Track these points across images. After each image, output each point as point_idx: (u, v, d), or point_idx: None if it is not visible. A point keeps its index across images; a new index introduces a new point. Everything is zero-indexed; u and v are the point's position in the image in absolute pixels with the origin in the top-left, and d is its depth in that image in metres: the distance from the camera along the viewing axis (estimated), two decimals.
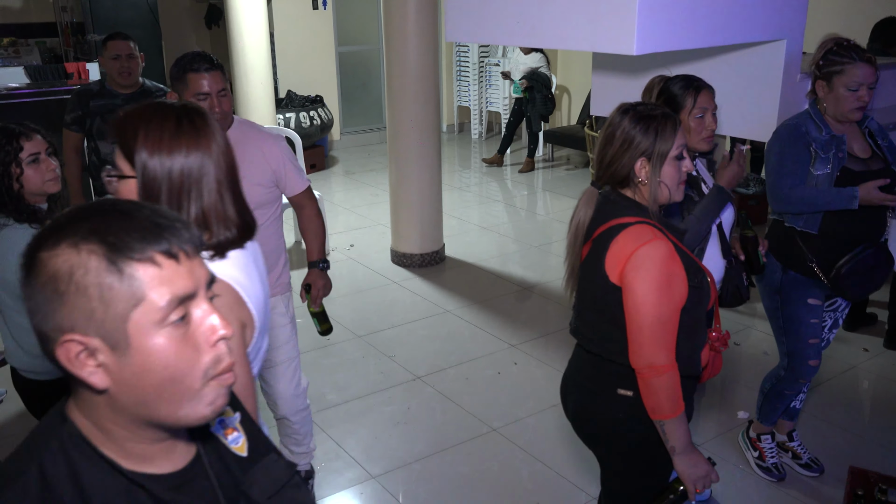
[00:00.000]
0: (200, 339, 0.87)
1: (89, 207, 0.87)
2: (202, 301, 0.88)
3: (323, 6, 8.70)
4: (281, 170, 2.68)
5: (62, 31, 8.11)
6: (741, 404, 3.56)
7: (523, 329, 4.41)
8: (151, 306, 0.83)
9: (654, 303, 1.78)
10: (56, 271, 0.82)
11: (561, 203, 7.08)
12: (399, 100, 5.21)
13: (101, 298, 0.82)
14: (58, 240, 0.83)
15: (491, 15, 3.01)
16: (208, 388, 0.88)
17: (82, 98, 3.79)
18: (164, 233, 0.85)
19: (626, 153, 1.87)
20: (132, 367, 0.84)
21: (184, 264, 0.86)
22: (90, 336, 0.83)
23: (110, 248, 0.82)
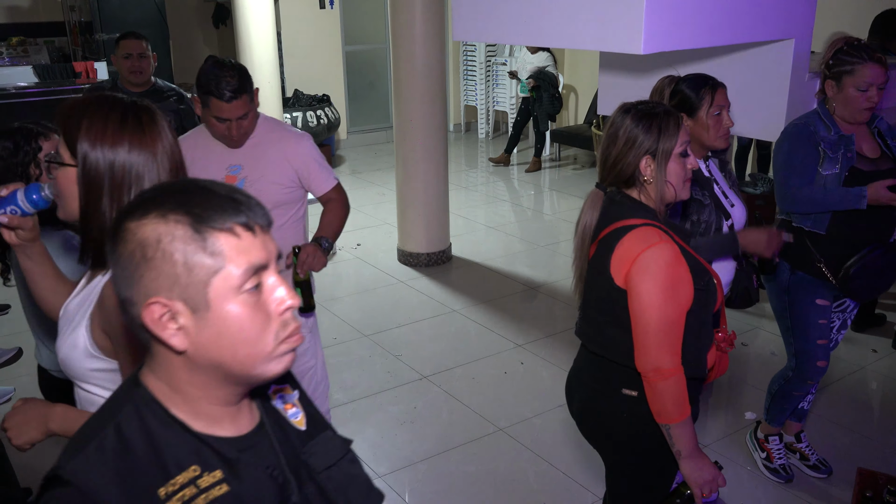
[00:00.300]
0: (271, 306, 0.94)
1: (173, 184, 0.95)
2: (273, 272, 0.95)
3: (330, 5, 8.70)
4: (304, 169, 2.63)
5: (70, 31, 8.13)
6: (748, 405, 3.55)
7: (530, 329, 4.40)
8: (230, 273, 0.90)
9: (660, 306, 1.77)
10: (145, 239, 0.90)
11: (568, 202, 7.07)
12: (406, 99, 5.20)
13: (185, 264, 0.89)
14: (146, 210, 0.91)
15: (498, 14, 3.01)
16: (279, 350, 0.95)
17: None
18: (242, 207, 0.92)
19: (630, 152, 1.86)
20: (210, 330, 0.91)
21: (259, 237, 0.93)
22: (174, 300, 0.90)
23: (195, 219, 0.89)
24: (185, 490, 0.92)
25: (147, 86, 3.85)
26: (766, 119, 3.09)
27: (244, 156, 2.60)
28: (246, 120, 2.48)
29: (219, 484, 0.94)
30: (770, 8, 2.87)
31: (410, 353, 4.13)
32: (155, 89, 3.88)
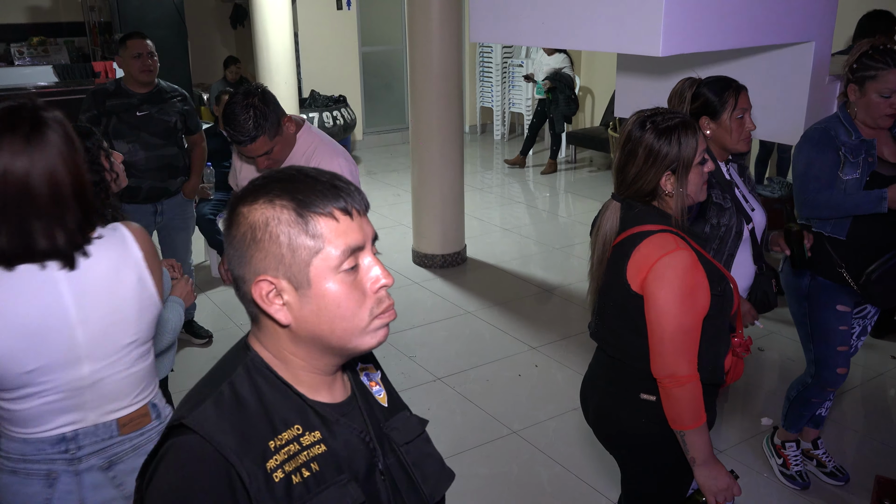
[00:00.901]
0: (367, 284, 1.02)
1: (281, 172, 1.03)
2: (369, 253, 1.03)
3: (347, 6, 8.73)
4: None
5: (90, 31, 8.21)
6: (765, 411, 3.52)
7: (544, 331, 4.39)
8: (329, 254, 0.98)
9: (677, 313, 1.76)
10: (255, 222, 0.99)
11: (583, 205, 7.04)
12: (422, 100, 5.21)
13: (289, 246, 0.98)
14: (256, 196, 1.00)
15: (515, 16, 3.00)
16: (373, 324, 1.03)
17: (98, 98, 3.77)
18: (342, 193, 1.00)
19: (651, 169, 1.84)
20: (311, 306, 1.00)
21: (356, 220, 1.01)
22: (279, 278, 0.99)
23: (299, 204, 0.98)
24: (290, 446, 1.01)
25: (152, 86, 3.83)
26: (785, 122, 3.07)
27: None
28: (270, 155, 2.53)
29: (318, 443, 1.03)
30: (790, 10, 2.85)
31: (425, 355, 4.12)
32: (159, 90, 3.87)
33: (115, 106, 3.75)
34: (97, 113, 3.73)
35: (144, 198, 3.82)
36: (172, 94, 3.92)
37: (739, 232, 2.38)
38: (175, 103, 3.90)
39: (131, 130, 3.74)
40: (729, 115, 2.32)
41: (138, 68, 3.73)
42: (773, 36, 2.84)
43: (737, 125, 2.33)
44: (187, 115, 3.97)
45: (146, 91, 3.81)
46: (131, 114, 3.75)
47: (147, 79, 3.77)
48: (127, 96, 3.78)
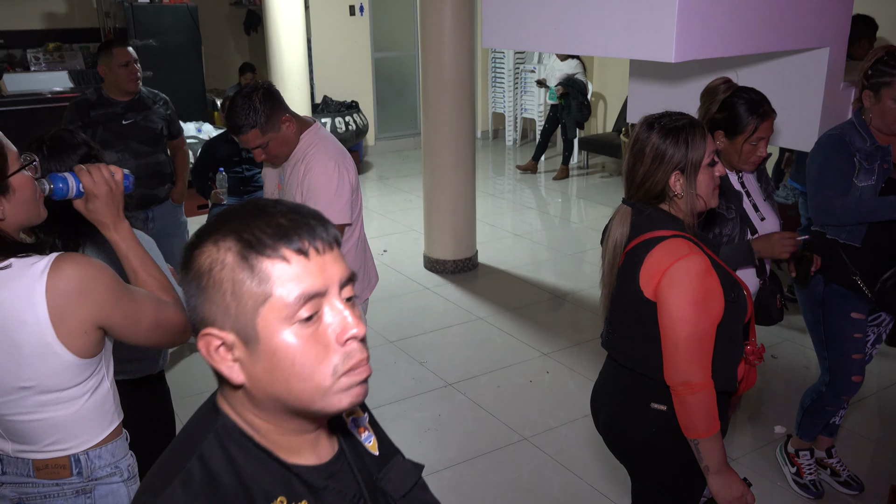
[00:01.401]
0: (330, 337, 0.87)
1: (237, 207, 0.91)
2: (333, 298, 0.88)
3: (360, 13, 8.76)
4: (305, 192, 2.61)
5: (105, 37, 8.26)
6: (778, 418, 3.49)
7: (556, 337, 4.37)
8: (279, 303, 0.85)
9: (690, 319, 1.74)
10: (200, 267, 0.87)
11: (595, 211, 7.03)
12: (434, 106, 5.21)
13: (234, 294, 0.86)
14: (204, 237, 0.89)
15: (528, 21, 3.00)
16: (340, 384, 0.88)
17: (81, 108, 3.72)
18: (298, 229, 0.87)
19: (658, 169, 1.83)
20: (262, 363, 0.87)
21: (315, 261, 0.87)
22: (226, 331, 0.87)
23: (244, 245, 0.86)
24: None
25: (134, 94, 3.78)
26: (799, 129, 3.05)
27: (286, 168, 2.74)
28: (268, 148, 2.59)
29: None
30: (804, 16, 2.83)
31: (436, 360, 4.12)
32: (141, 97, 3.82)
33: (100, 116, 3.70)
34: (82, 125, 3.67)
35: (135, 206, 3.82)
36: (155, 100, 3.90)
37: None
38: (158, 109, 3.88)
39: (119, 140, 3.70)
40: (744, 139, 2.31)
41: (126, 77, 3.68)
42: (786, 42, 2.83)
43: (749, 150, 2.32)
44: (170, 120, 3.96)
45: (129, 99, 3.77)
46: (117, 123, 3.72)
47: (135, 87, 3.73)
48: (111, 105, 3.73)
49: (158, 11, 7.39)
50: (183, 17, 7.47)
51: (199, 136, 6.89)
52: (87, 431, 1.56)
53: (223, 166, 4.78)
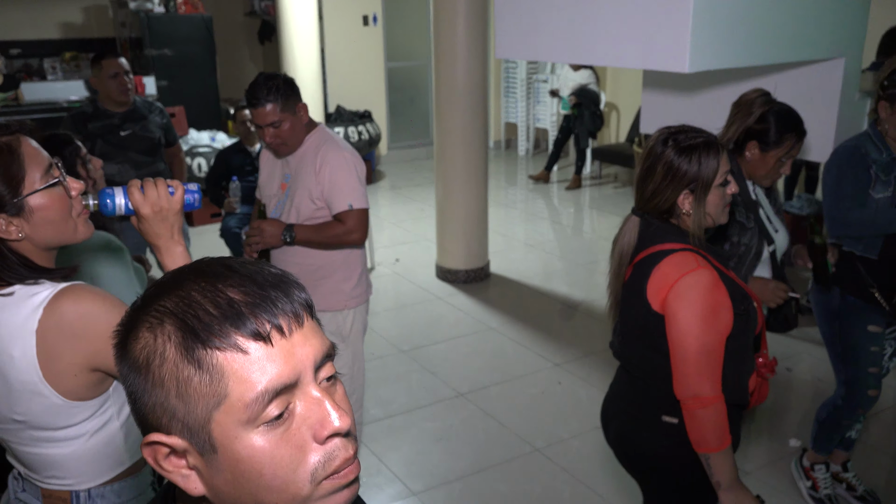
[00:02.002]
0: (306, 435, 0.71)
1: (179, 275, 0.72)
2: (309, 388, 0.71)
3: (373, 22, 8.80)
4: (326, 183, 2.62)
5: (121, 47, 8.34)
6: (793, 432, 3.46)
7: (568, 348, 4.36)
8: (237, 404, 0.68)
9: (699, 333, 1.73)
10: (136, 359, 0.70)
11: (608, 221, 7.01)
12: (447, 115, 5.22)
13: (178, 395, 0.68)
14: (139, 319, 0.71)
15: (541, 32, 3.00)
16: (321, 490, 0.72)
17: (78, 121, 3.74)
18: (254, 307, 0.69)
19: (669, 187, 1.82)
20: (223, 475, 0.70)
21: (279, 346, 0.69)
22: (174, 436, 0.70)
23: (187, 334, 0.68)
24: None
25: (129, 104, 3.80)
26: (814, 140, 3.02)
27: (294, 166, 2.72)
28: (280, 129, 2.58)
29: None
30: (819, 26, 2.82)
31: (447, 370, 4.11)
32: (136, 107, 3.84)
33: (98, 128, 3.72)
34: (80, 137, 3.70)
35: None
36: (150, 109, 3.91)
37: (759, 253, 2.35)
38: (155, 117, 3.90)
39: (118, 151, 3.72)
40: (778, 154, 2.30)
41: (116, 88, 3.70)
42: (801, 52, 2.81)
43: (774, 168, 2.32)
44: (167, 128, 3.98)
45: (124, 110, 3.79)
46: (115, 135, 3.73)
47: (125, 98, 3.75)
48: (107, 117, 3.75)
49: (174, 21, 7.46)
50: (198, 26, 7.52)
51: (213, 145, 6.93)
52: (89, 471, 1.45)
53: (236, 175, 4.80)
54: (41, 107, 7.11)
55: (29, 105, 7.13)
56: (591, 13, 2.76)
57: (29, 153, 1.32)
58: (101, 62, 3.71)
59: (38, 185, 1.31)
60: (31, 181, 1.31)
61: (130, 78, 3.76)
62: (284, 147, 2.65)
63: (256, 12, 9.07)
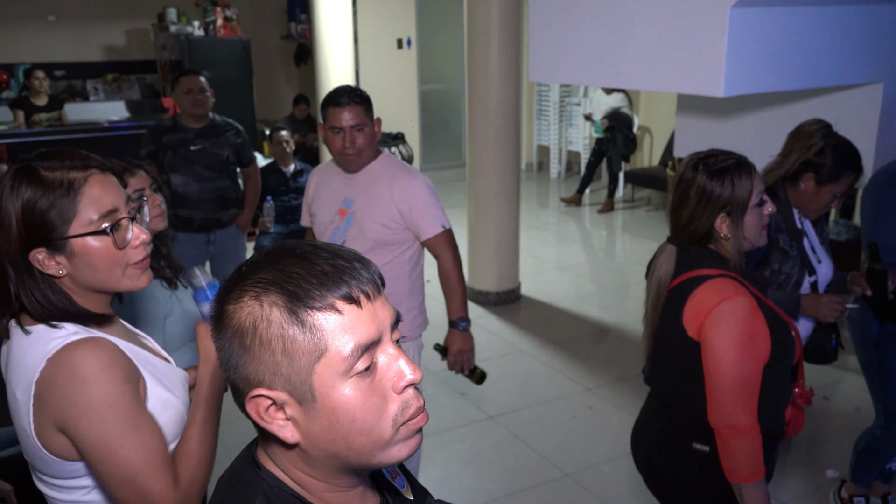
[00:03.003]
0: (387, 386, 0.83)
1: (271, 254, 0.84)
2: (387, 346, 0.84)
3: (407, 46, 8.89)
4: (409, 210, 2.56)
5: (161, 68, 8.54)
6: (830, 462, 3.38)
7: (599, 372, 4.31)
8: (336, 357, 0.80)
9: (735, 361, 1.70)
10: (241, 324, 0.81)
11: (641, 245, 6.95)
12: (479, 138, 5.25)
13: (284, 352, 0.80)
14: (242, 290, 0.82)
15: (575, 55, 3.01)
16: (399, 434, 0.84)
17: (155, 133, 3.94)
18: (344, 276, 0.81)
19: (704, 211, 1.81)
20: (320, 422, 0.82)
21: (366, 309, 0.82)
22: (277, 390, 0.81)
23: (291, 299, 0.79)
24: None
25: (206, 121, 3.97)
26: None
27: (358, 191, 2.61)
28: (361, 134, 2.51)
29: None
30: (857, 50, 2.79)
31: (477, 392, 4.09)
32: (214, 125, 4.00)
33: (171, 141, 3.90)
34: (154, 148, 3.91)
35: (197, 228, 3.99)
36: (226, 129, 4.06)
37: (799, 282, 2.31)
38: (228, 137, 4.04)
39: (185, 164, 3.90)
40: (834, 190, 2.28)
41: (189, 103, 3.88)
42: (839, 77, 2.78)
43: (826, 201, 2.29)
44: (240, 148, 4.10)
45: (201, 126, 3.95)
46: (185, 148, 3.90)
47: (198, 112, 3.90)
48: (183, 131, 3.93)
49: (213, 44, 7.61)
50: (236, 49, 7.67)
51: None
52: None
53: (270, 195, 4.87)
54: (83, 126, 7.30)
55: (72, 125, 7.32)
56: (625, 36, 2.77)
57: (91, 193, 1.26)
58: (180, 79, 3.92)
59: (89, 228, 1.26)
60: (82, 222, 1.25)
61: (208, 96, 3.93)
62: (358, 158, 2.55)
63: (293, 35, 9.23)
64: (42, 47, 8.28)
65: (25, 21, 8.22)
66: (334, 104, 2.50)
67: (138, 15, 8.65)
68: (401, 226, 2.59)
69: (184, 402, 1.40)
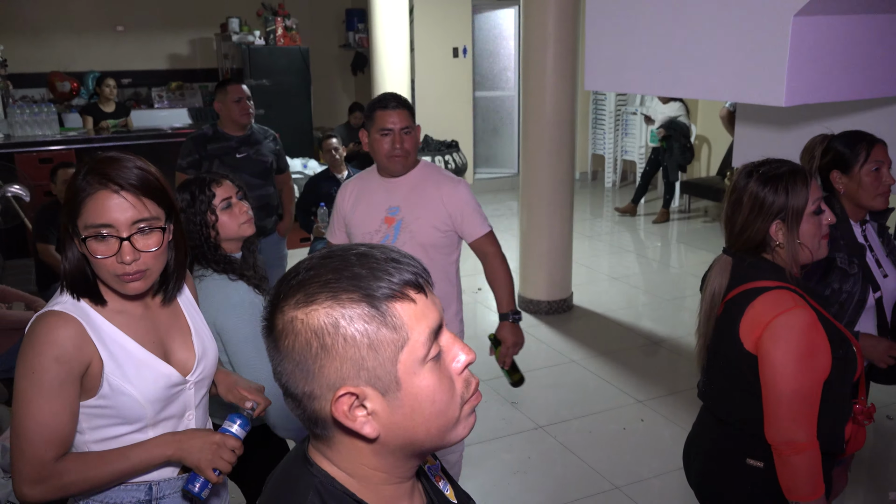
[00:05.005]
0: (450, 368, 0.88)
1: (328, 257, 0.86)
2: (444, 330, 0.89)
3: (463, 54, 8.94)
4: (458, 213, 2.65)
5: (223, 77, 8.75)
6: (893, 484, 3.26)
7: (651, 385, 4.25)
8: (416, 344, 0.84)
9: (794, 375, 1.67)
10: (319, 326, 0.82)
11: (696, 256, 6.83)
12: (534, 146, 5.24)
13: (370, 346, 0.82)
14: (310, 294, 0.83)
15: (632, 64, 2.98)
16: (464, 412, 0.90)
17: (198, 142, 3.96)
18: (407, 268, 0.86)
19: (758, 218, 1.78)
20: (403, 410, 0.85)
21: (429, 296, 0.87)
22: (361, 385, 0.83)
23: (367, 293, 0.82)
24: None
25: (247, 129, 4.00)
26: None
27: (402, 197, 2.65)
28: (409, 136, 2.59)
29: None
30: None
31: (526, 402, 4.07)
32: (253, 132, 4.04)
33: (216, 150, 3.93)
34: (198, 157, 3.92)
35: None
36: (265, 136, 4.11)
37: (863, 300, 2.24)
38: (269, 143, 4.09)
39: (233, 172, 3.90)
40: (860, 167, 2.22)
41: (239, 111, 3.90)
42: None
43: (871, 179, 2.22)
44: (279, 155, 4.16)
45: (242, 134, 3.98)
46: (231, 156, 3.93)
47: (246, 121, 3.95)
48: (225, 139, 3.95)
49: (273, 53, 7.78)
50: (295, 58, 7.82)
51: (305, 172, 7.15)
52: None
53: (324, 202, 4.94)
54: (148, 133, 7.53)
55: (137, 131, 7.56)
56: (683, 44, 2.73)
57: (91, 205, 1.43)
58: (227, 87, 3.95)
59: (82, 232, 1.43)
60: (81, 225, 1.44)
61: (251, 104, 3.98)
62: (405, 160, 2.61)
63: (350, 45, 9.37)
64: (110, 56, 8.58)
65: (95, 31, 8.53)
66: (382, 107, 2.57)
67: (202, 25, 8.89)
68: (450, 228, 2.66)
69: (144, 395, 1.52)
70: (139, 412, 1.53)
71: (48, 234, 4.47)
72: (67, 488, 1.47)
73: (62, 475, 1.45)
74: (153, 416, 1.55)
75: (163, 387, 1.55)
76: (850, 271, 2.22)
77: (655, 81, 2.90)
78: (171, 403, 1.58)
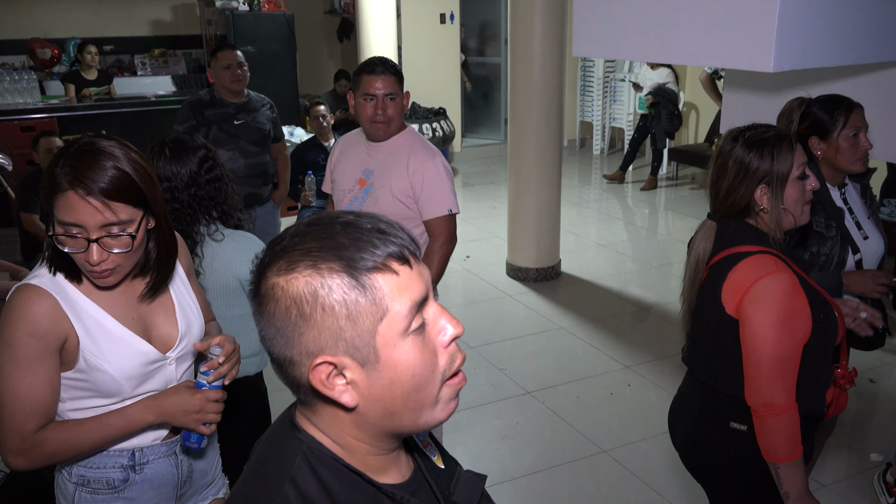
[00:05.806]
0: (435, 341, 0.87)
1: (313, 224, 0.86)
2: (431, 303, 0.88)
3: (450, 20, 8.84)
4: (419, 186, 2.58)
5: (206, 43, 8.62)
6: (875, 446, 3.32)
7: (639, 350, 4.29)
8: (396, 317, 0.83)
9: (774, 339, 1.68)
10: (299, 294, 0.82)
11: (684, 223, 6.86)
12: (522, 114, 5.21)
13: (348, 316, 0.82)
14: (292, 261, 0.83)
15: (620, 30, 2.96)
16: (444, 392, 0.88)
17: (195, 108, 3.91)
18: (392, 238, 0.84)
19: (742, 182, 1.78)
20: (381, 381, 0.84)
21: (415, 268, 0.85)
22: (339, 355, 0.83)
23: (348, 263, 0.81)
24: None
25: (243, 96, 3.97)
26: None
27: (378, 162, 2.66)
28: (393, 103, 2.58)
29: None
30: None
31: (515, 368, 4.11)
32: (249, 99, 4.01)
33: (214, 116, 3.90)
34: (196, 123, 3.88)
35: None
36: (262, 103, 4.08)
37: (842, 262, 2.26)
38: (265, 111, 4.06)
39: (230, 139, 3.89)
40: (839, 133, 2.23)
41: (228, 78, 3.87)
42: (893, 52, 2.70)
43: (849, 144, 2.23)
44: (275, 123, 4.13)
45: (238, 101, 3.95)
46: (229, 123, 3.90)
47: (237, 87, 3.91)
48: (223, 106, 3.92)
49: (257, 19, 7.66)
50: (280, 24, 7.71)
51: (291, 140, 7.09)
52: None
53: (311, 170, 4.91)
54: (131, 101, 7.44)
55: (120, 99, 7.46)
56: (671, 10, 2.71)
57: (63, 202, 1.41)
58: (217, 54, 3.91)
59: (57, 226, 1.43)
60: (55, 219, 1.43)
61: (244, 70, 3.92)
62: (387, 126, 2.61)
63: (336, 10, 9.24)
64: (91, 23, 8.42)
65: None
66: (368, 72, 2.56)
67: None
68: (411, 200, 2.61)
69: (121, 372, 1.52)
70: (115, 387, 1.53)
71: (31, 203, 4.42)
72: (52, 457, 1.49)
73: (44, 444, 1.47)
74: (130, 391, 1.55)
75: (139, 364, 1.54)
76: (827, 234, 2.24)
77: (643, 47, 2.89)
78: (150, 379, 1.58)
